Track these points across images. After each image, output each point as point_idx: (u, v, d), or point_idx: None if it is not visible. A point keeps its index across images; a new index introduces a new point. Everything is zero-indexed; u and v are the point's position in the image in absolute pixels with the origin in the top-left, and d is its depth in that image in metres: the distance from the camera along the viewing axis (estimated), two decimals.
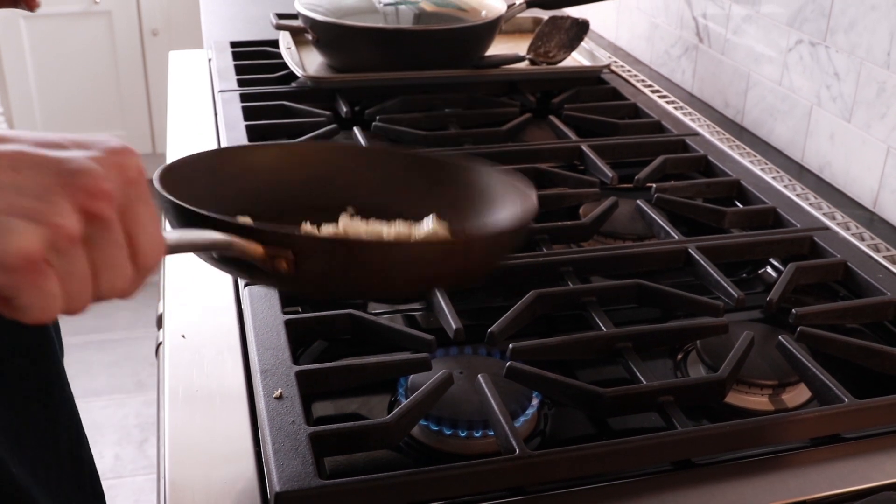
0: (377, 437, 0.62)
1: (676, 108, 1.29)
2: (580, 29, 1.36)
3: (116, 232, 0.43)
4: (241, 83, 1.27)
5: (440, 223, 0.66)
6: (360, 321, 0.74)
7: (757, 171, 1.08)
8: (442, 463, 0.61)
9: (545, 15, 1.45)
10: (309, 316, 0.75)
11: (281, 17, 1.37)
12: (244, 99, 1.21)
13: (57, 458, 0.87)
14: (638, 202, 0.97)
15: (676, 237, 0.89)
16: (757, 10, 1.21)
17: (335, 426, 0.62)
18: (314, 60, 1.33)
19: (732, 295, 0.79)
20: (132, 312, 2.51)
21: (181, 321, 0.79)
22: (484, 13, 1.30)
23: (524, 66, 1.34)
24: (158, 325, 0.87)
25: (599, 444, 0.63)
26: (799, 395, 0.73)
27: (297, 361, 0.69)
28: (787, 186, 1.05)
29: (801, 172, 1.13)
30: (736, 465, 0.64)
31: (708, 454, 0.65)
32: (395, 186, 0.71)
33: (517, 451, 0.61)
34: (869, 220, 1.01)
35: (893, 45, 0.97)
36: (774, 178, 1.08)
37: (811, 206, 1.00)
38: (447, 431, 0.66)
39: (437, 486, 0.59)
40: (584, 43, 1.38)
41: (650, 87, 1.38)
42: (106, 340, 2.45)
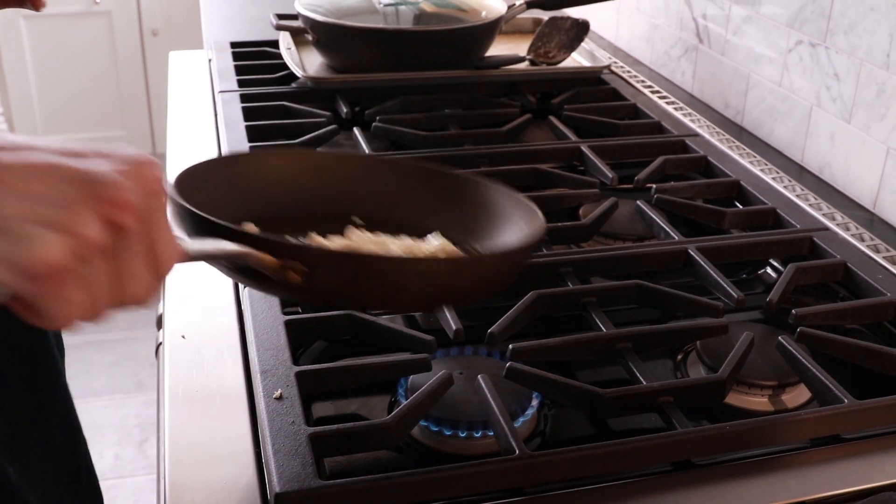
0: (377, 437, 0.62)
1: (676, 108, 1.30)
2: (580, 30, 1.37)
3: (137, 241, 0.44)
4: (241, 83, 1.27)
5: (445, 240, 0.67)
6: (360, 322, 0.74)
7: (757, 171, 1.08)
8: (442, 463, 0.61)
9: (545, 15, 1.45)
10: (309, 316, 0.75)
11: (281, 17, 1.37)
12: (244, 99, 1.21)
13: (52, 460, 0.87)
14: (638, 203, 0.97)
15: (676, 238, 0.89)
16: (757, 10, 1.21)
17: (335, 427, 0.62)
18: (314, 61, 1.33)
19: (732, 295, 0.79)
20: (132, 313, 2.50)
21: (181, 321, 0.79)
22: (484, 14, 1.30)
23: (524, 66, 1.34)
24: (158, 325, 0.87)
25: (599, 444, 0.63)
26: (799, 395, 0.73)
27: (297, 362, 0.69)
28: (786, 187, 1.05)
29: (800, 173, 1.13)
30: (736, 465, 0.64)
31: (708, 455, 0.65)
32: (403, 198, 0.72)
33: (517, 451, 0.61)
34: (869, 220, 1.01)
35: (893, 46, 0.97)
36: (774, 178, 1.08)
37: (811, 206, 1.00)
38: (447, 432, 0.66)
39: (437, 486, 0.59)
40: (584, 44, 1.38)
41: (650, 87, 1.38)
42: (106, 341, 2.45)
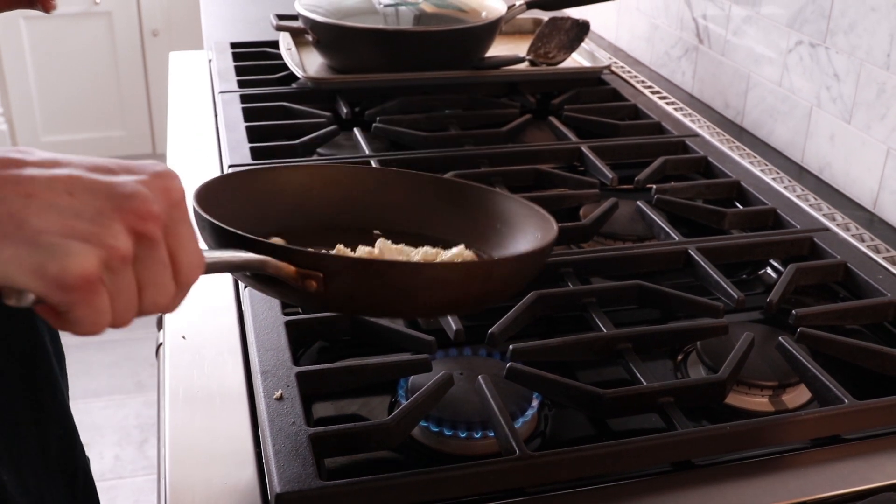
0: (377, 438, 0.62)
1: (676, 109, 1.30)
2: (580, 30, 1.37)
3: (162, 251, 0.46)
4: (241, 84, 1.27)
5: (468, 251, 0.68)
6: (360, 322, 0.74)
7: (757, 172, 1.08)
8: (442, 464, 0.61)
9: (545, 16, 1.45)
10: (309, 317, 0.75)
11: (281, 17, 1.37)
12: (244, 100, 1.21)
13: (48, 464, 0.87)
14: (638, 203, 0.97)
15: (676, 238, 0.89)
16: (757, 11, 1.21)
17: (335, 427, 0.62)
18: (314, 61, 1.33)
19: (732, 296, 0.79)
20: None
21: (181, 322, 0.79)
22: (484, 14, 1.30)
23: (524, 67, 1.34)
24: (158, 325, 0.87)
25: (600, 445, 0.63)
26: (799, 395, 0.73)
27: (297, 362, 0.69)
28: (787, 187, 1.05)
29: (801, 173, 1.13)
30: (736, 465, 0.64)
31: (708, 455, 0.65)
32: (419, 209, 0.74)
33: (517, 452, 0.61)
34: (869, 221, 1.01)
35: (893, 46, 0.97)
36: (774, 179, 1.08)
37: (811, 207, 1.00)
38: (447, 432, 0.66)
39: (437, 487, 0.59)
40: (584, 44, 1.38)
41: (650, 88, 1.38)
42: (106, 341, 2.45)
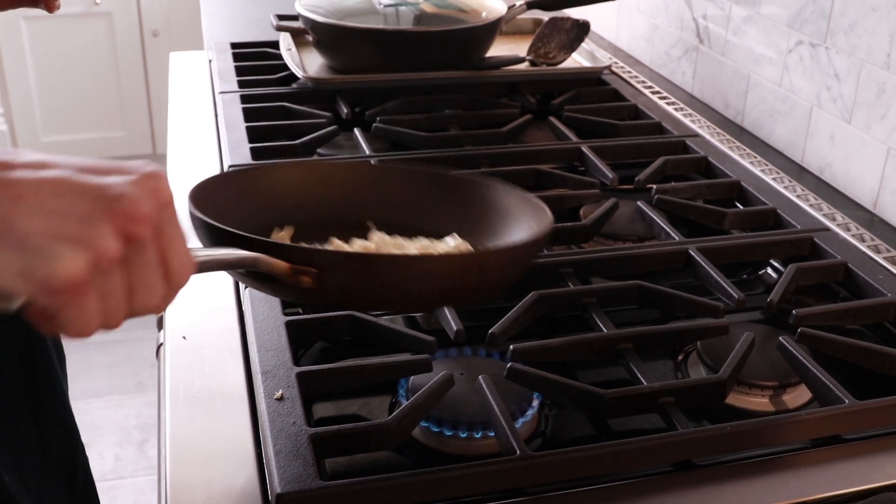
0: (378, 438, 0.62)
1: (677, 109, 1.30)
2: (580, 30, 1.37)
3: (151, 253, 0.46)
4: (241, 84, 1.27)
5: (462, 241, 0.68)
6: (360, 322, 0.74)
7: (757, 172, 1.08)
8: (443, 464, 0.61)
9: (545, 16, 1.45)
10: (310, 317, 0.75)
11: (281, 18, 1.37)
12: (245, 100, 1.21)
13: (48, 464, 0.87)
14: (638, 203, 0.97)
15: (677, 238, 0.89)
16: (757, 11, 1.21)
17: (336, 427, 0.62)
18: (315, 62, 1.33)
19: (733, 296, 0.79)
20: None
21: (182, 322, 0.79)
22: (484, 14, 1.30)
23: (524, 67, 1.34)
24: (159, 326, 0.86)
25: (600, 445, 0.63)
26: (799, 396, 0.73)
27: (297, 363, 0.69)
28: (787, 187, 1.05)
29: (801, 173, 1.13)
30: (736, 466, 0.64)
31: (708, 455, 0.65)
32: (413, 202, 0.74)
33: (518, 452, 0.61)
34: (869, 221, 1.01)
35: (893, 46, 0.97)
36: (775, 179, 1.08)
37: (811, 207, 1.00)
38: (448, 433, 0.66)
39: (437, 487, 0.59)
40: (584, 44, 1.38)
41: (650, 88, 1.38)
42: (106, 341, 2.45)
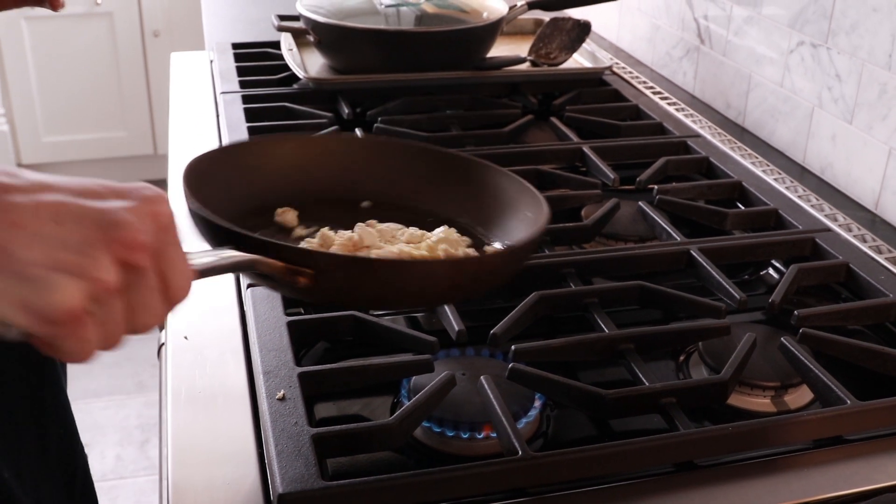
0: (380, 438, 0.62)
1: (678, 109, 1.30)
2: (582, 30, 1.37)
3: (150, 277, 0.46)
4: (242, 85, 1.27)
5: (451, 230, 0.67)
6: (362, 323, 0.74)
7: (758, 172, 1.08)
8: (444, 464, 0.61)
9: (547, 16, 1.45)
10: (311, 317, 0.75)
11: (282, 18, 1.37)
12: (246, 100, 1.21)
13: (48, 464, 0.87)
14: (640, 204, 0.97)
15: (678, 239, 0.89)
16: (758, 11, 1.21)
17: (338, 428, 0.62)
18: (316, 62, 1.33)
19: (734, 296, 0.79)
20: None
21: (183, 322, 0.79)
22: (485, 15, 1.30)
23: (526, 67, 1.34)
24: (160, 326, 0.87)
25: (602, 445, 0.63)
26: (801, 396, 0.73)
27: (299, 363, 0.69)
28: (788, 188, 1.05)
29: (802, 174, 1.13)
30: (738, 466, 0.64)
31: (710, 456, 0.65)
32: (411, 180, 0.74)
33: (519, 452, 0.61)
34: (871, 221, 1.01)
35: (895, 46, 0.97)
36: (776, 179, 1.08)
37: (813, 207, 1.00)
38: (449, 433, 0.66)
39: (439, 487, 0.59)
40: (585, 44, 1.38)
41: (651, 88, 1.38)
42: None
